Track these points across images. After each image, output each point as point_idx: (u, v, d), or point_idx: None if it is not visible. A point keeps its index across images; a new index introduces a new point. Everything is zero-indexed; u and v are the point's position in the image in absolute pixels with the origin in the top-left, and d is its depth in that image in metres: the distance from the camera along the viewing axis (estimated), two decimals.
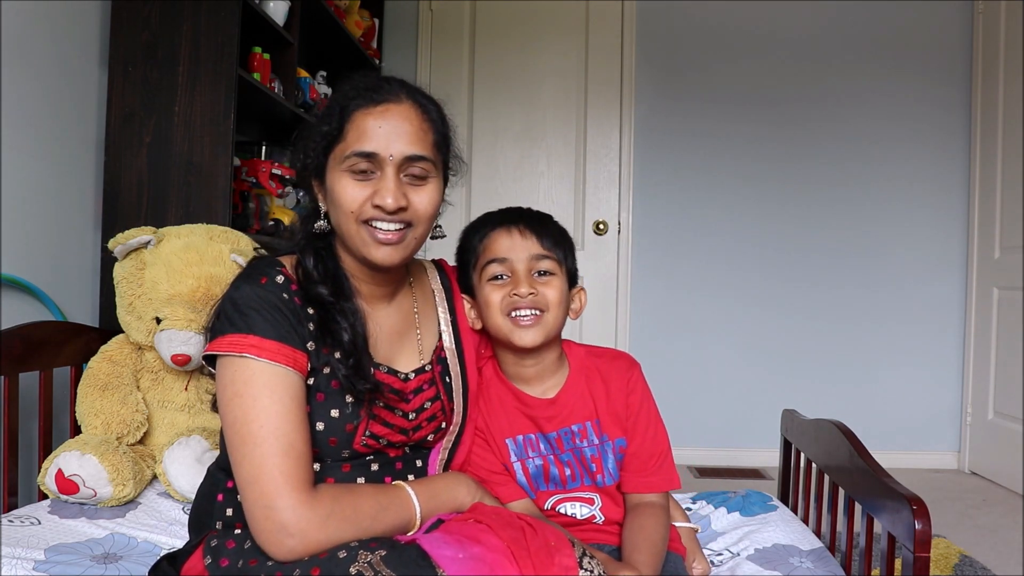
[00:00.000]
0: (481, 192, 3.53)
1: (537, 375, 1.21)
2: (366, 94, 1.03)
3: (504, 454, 1.20)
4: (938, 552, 2.22)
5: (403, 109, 1.03)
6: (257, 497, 0.93)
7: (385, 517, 0.98)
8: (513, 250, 1.16)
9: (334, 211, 1.05)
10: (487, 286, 1.16)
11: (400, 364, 1.14)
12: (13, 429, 1.54)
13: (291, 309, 1.01)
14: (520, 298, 1.13)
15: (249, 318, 0.98)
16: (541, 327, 1.15)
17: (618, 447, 1.20)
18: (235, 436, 0.96)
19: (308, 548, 0.92)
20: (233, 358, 0.97)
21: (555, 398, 1.20)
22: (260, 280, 1.02)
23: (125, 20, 2.08)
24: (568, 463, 1.19)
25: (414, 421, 1.12)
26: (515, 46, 3.58)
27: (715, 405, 3.46)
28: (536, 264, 1.16)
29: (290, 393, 0.97)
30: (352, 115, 1.02)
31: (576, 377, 1.22)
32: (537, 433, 1.20)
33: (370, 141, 1.01)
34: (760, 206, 3.49)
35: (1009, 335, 3.09)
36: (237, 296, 1.01)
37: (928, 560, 1.00)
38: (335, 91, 1.09)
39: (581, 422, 1.19)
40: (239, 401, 0.96)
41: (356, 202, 1.01)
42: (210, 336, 1.02)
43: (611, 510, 1.21)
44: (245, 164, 2.48)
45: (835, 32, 3.48)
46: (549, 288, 1.16)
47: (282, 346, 0.98)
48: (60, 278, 2.00)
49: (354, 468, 1.07)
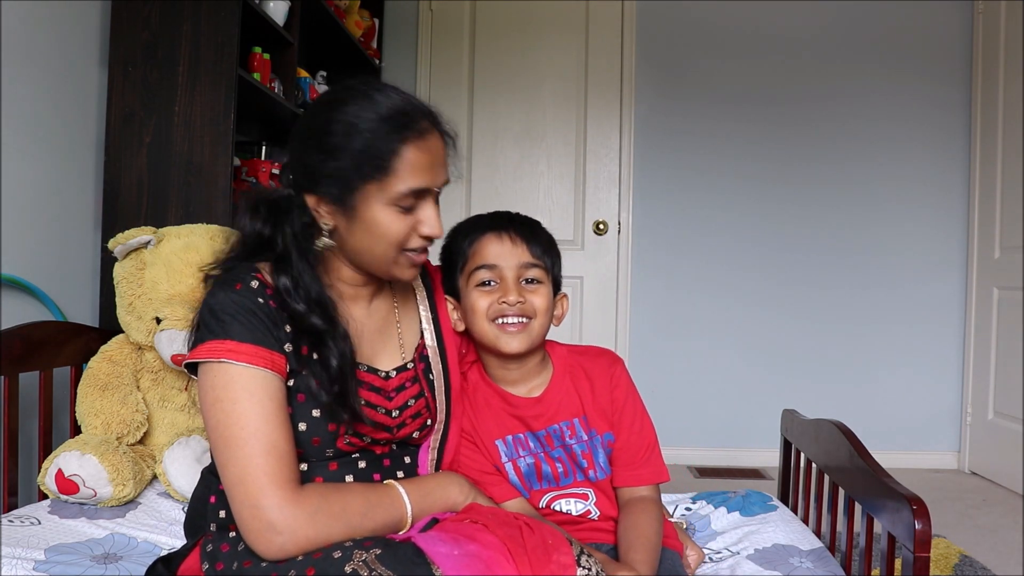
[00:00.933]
0: (481, 192, 3.53)
1: (522, 377, 1.22)
2: (410, 126, 1.01)
3: (495, 455, 1.20)
4: (938, 552, 2.22)
5: (438, 139, 1.05)
6: (243, 498, 0.93)
7: (375, 515, 0.98)
8: (502, 257, 1.16)
9: (366, 237, 1.03)
10: (474, 291, 1.16)
11: (381, 362, 1.14)
12: (13, 429, 1.54)
13: (266, 313, 1.01)
14: (508, 306, 1.14)
15: (225, 324, 0.99)
16: (527, 334, 1.15)
17: (606, 442, 1.21)
18: (218, 440, 0.96)
19: (298, 545, 0.92)
20: (212, 364, 0.98)
21: (541, 397, 1.21)
22: (235, 286, 1.02)
23: (125, 20, 2.08)
24: (559, 459, 1.20)
25: (398, 419, 1.12)
26: (515, 46, 3.58)
27: (715, 405, 3.46)
28: (525, 272, 1.16)
29: (269, 395, 0.98)
30: (399, 149, 0.99)
31: (560, 375, 1.23)
32: (526, 432, 1.20)
33: (423, 179, 1.01)
34: (760, 206, 3.49)
35: (1009, 335, 3.09)
36: (213, 303, 1.01)
37: (928, 560, 1.00)
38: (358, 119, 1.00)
39: (568, 419, 1.20)
40: (220, 406, 0.96)
41: (402, 233, 1.03)
42: (191, 345, 1.03)
43: (606, 505, 1.21)
44: (245, 164, 2.48)
45: (835, 32, 3.48)
46: (536, 296, 1.16)
47: (259, 349, 0.98)
48: (60, 278, 2.00)
49: (341, 466, 1.07)
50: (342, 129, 1.00)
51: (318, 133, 1.02)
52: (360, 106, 1.01)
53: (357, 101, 1.01)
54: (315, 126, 1.02)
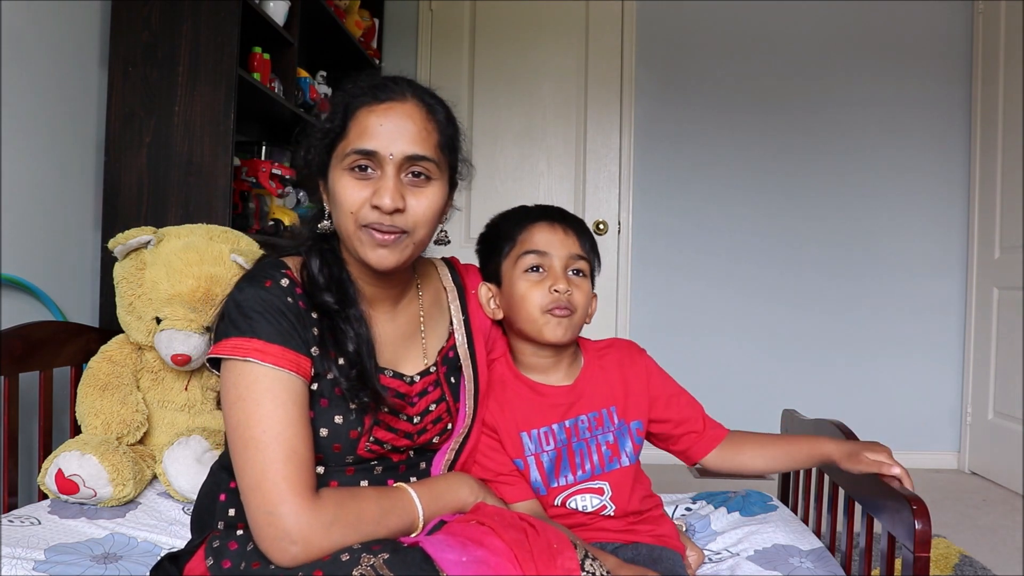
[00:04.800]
0: (481, 192, 3.52)
1: (554, 365, 1.22)
2: (371, 91, 1.02)
3: (518, 449, 1.19)
4: (938, 552, 2.22)
5: (407, 108, 1.01)
6: (260, 503, 0.92)
7: (388, 521, 0.98)
8: (553, 245, 1.17)
9: (335, 211, 1.03)
10: (521, 277, 1.17)
11: (405, 368, 1.13)
12: (13, 429, 1.54)
13: (295, 313, 1.00)
14: (559, 294, 1.14)
15: (253, 321, 0.97)
16: (570, 324, 1.16)
17: (634, 429, 1.22)
18: (238, 440, 0.95)
19: (311, 555, 0.91)
20: (236, 362, 0.97)
21: (574, 385, 1.22)
22: (264, 283, 1.01)
23: (125, 20, 2.08)
24: (580, 451, 1.20)
25: (419, 425, 1.11)
26: (515, 46, 3.58)
27: (715, 405, 3.41)
28: (573, 263, 1.17)
29: (293, 398, 0.97)
30: (355, 112, 1.01)
31: (591, 367, 1.24)
32: (553, 424, 1.20)
33: (371, 139, 0.99)
34: (760, 206, 3.49)
35: (1009, 335, 3.09)
36: (241, 298, 0.99)
37: (928, 560, 1.00)
38: (340, 88, 1.06)
39: (597, 410, 1.21)
40: (242, 405, 0.95)
41: (356, 202, 0.99)
42: (214, 338, 1.02)
43: (622, 499, 1.21)
44: (245, 164, 2.48)
45: (835, 32, 3.48)
46: (580, 290, 1.17)
47: (286, 351, 0.97)
48: (60, 278, 2.00)
49: (358, 472, 1.06)
50: (330, 105, 1.06)
51: (320, 115, 1.08)
52: (348, 84, 1.05)
53: (351, 81, 1.06)
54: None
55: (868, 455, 1.15)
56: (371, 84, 1.03)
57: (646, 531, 1.23)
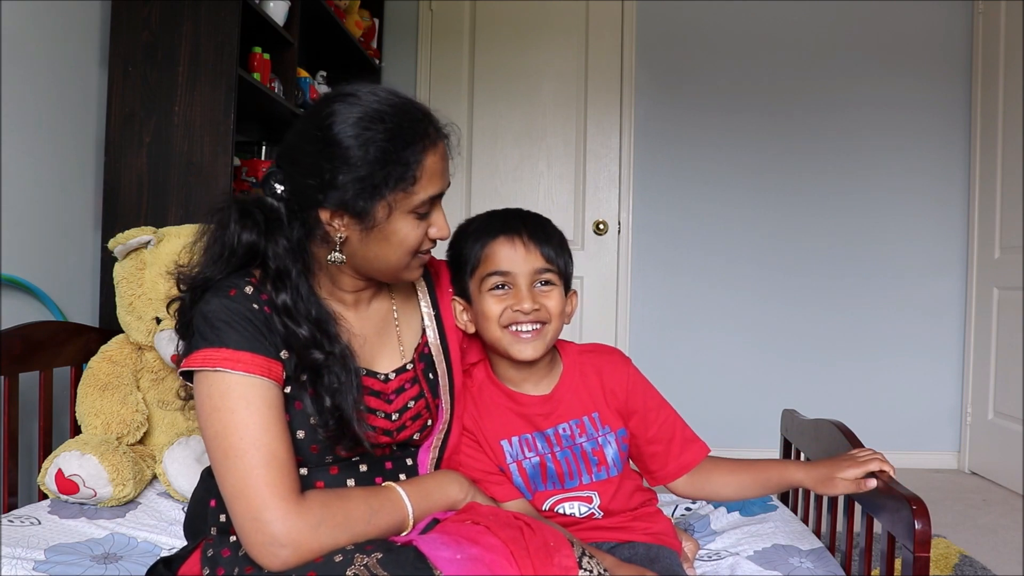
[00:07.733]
0: (481, 192, 3.53)
1: (531, 376, 1.20)
2: (425, 133, 1.00)
3: (499, 456, 1.19)
4: (938, 552, 2.22)
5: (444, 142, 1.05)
6: (245, 510, 0.92)
7: (377, 520, 0.98)
8: (515, 263, 1.13)
9: (381, 246, 1.02)
10: (487, 295, 1.14)
11: (380, 365, 1.13)
12: (13, 429, 1.54)
13: (262, 319, 0.99)
14: (523, 314, 1.12)
15: (220, 331, 0.97)
16: (541, 339, 1.14)
17: (620, 437, 1.20)
18: (217, 450, 0.95)
19: (302, 557, 0.91)
20: (208, 373, 0.96)
21: (551, 394, 1.20)
22: (228, 292, 1.00)
23: (125, 20, 2.08)
24: (565, 460, 1.19)
25: (397, 421, 1.12)
26: (515, 46, 3.58)
27: (715, 405, 3.46)
28: (538, 276, 1.14)
29: (267, 403, 0.96)
30: (423, 160, 0.99)
31: (570, 372, 1.21)
32: (533, 432, 1.19)
33: (440, 183, 1.02)
34: (760, 206, 3.48)
35: (1009, 335, 3.09)
36: (207, 310, 0.99)
37: (928, 560, 1.00)
38: (371, 130, 0.98)
39: (578, 417, 1.19)
40: (217, 416, 0.95)
41: (419, 240, 1.03)
42: (184, 352, 1.01)
43: (610, 504, 1.20)
44: (245, 164, 2.48)
45: (835, 32, 3.48)
46: (550, 299, 1.14)
47: (255, 356, 0.97)
48: (60, 278, 2.00)
49: (342, 470, 1.06)
50: (354, 138, 0.97)
51: (326, 143, 0.97)
52: (368, 114, 0.98)
53: (361, 108, 0.98)
54: (322, 135, 0.98)
55: (841, 476, 1.09)
56: (415, 129, 1.01)
57: (641, 529, 1.22)
